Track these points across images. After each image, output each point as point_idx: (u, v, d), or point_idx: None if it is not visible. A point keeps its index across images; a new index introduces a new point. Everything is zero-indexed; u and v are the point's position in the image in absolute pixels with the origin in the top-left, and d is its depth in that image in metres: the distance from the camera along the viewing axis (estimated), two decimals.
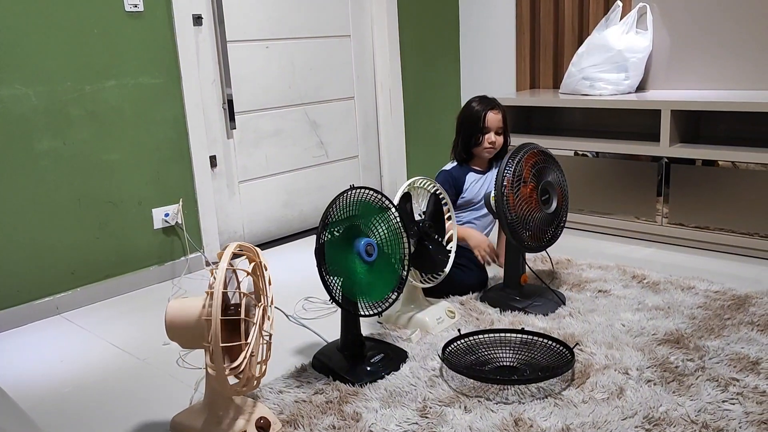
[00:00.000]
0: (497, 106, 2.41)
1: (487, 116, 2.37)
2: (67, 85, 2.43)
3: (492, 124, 2.38)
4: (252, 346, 1.45)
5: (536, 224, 2.15)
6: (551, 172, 2.21)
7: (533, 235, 2.15)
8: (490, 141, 2.39)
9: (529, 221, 2.13)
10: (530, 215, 2.12)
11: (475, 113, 2.39)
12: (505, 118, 2.42)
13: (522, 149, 2.17)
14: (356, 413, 1.65)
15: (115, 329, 2.33)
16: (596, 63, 3.09)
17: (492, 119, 2.38)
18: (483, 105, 2.40)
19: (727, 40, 2.93)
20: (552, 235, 2.22)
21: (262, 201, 3.18)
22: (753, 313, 2.06)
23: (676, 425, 1.52)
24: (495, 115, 2.39)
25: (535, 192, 2.15)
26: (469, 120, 2.41)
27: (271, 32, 3.08)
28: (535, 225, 2.14)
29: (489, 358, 1.86)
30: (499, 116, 2.40)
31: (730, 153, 2.62)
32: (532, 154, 2.17)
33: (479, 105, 2.41)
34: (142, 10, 2.58)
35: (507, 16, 3.66)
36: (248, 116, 3.06)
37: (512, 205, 2.09)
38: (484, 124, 2.38)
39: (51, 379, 2.00)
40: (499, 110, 2.41)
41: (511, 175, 2.09)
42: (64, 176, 2.46)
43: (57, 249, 2.47)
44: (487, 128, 2.38)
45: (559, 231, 2.24)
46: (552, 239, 2.22)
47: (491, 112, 2.38)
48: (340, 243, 1.78)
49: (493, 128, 2.39)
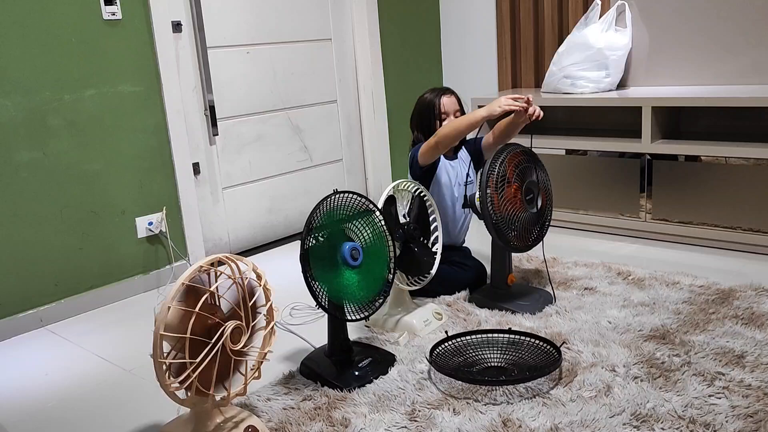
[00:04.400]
0: (448, 90, 2.40)
1: (442, 101, 2.36)
2: (45, 95, 2.40)
3: (449, 108, 2.37)
4: (202, 364, 1.42)
5: (521, 224, 2.15)
6: (535, 172, 2.22)
7: (519, 235, 2.16)
8: None
9: (515, 221, 2.13)
10: (515, 215, 2.13)
11: (429, 102, 2.38)
12: (459, 100, 2.41)
13: (505, 149, 2.17)
14: (345, 419, 1.64)
15: (100, 340, 2.31)
16: (577, 61, 3.11)
17: (447, 103, 2.36)
18: (434, 93, 2.39)
19: (705, 36, 2.95)
20: (537, 234, 2.23)
21: (246, 207, 3.17)
22: (737, 306, 2.08)
23: (663, 421, 1.53)
24: (449, 99, 2.37)
25: (520, 192, 2.15)
26: (425, 111, 2.39)
27: (251, 37, 3.07)
28: (520, 225, 2.15)
29: (477, 359, 1.86)
30: (453, 99, 2.39)
31: (711, 148, 2.64)
32: (515, 155, 2.18)
33: (431, 94, 2.40)
34: (120, 18, 2.56)
35: (487, 16, 3.67)
36: (230, 122, 3.05)
37: (497, 206, 2.10)
38: (440, 110, 2.36)
39: (36, 392, 1.97)
40: (452, 93, 2.40)
41: (495, 176, 2.10)
42: (45, 187, 2.44)
43: (40, 261, 2.45)
44: (445, 113, 2.36)
45: (544, 230, 2.25)
46: (537, 239, 2.23)
47: (444, 96, 2.37)
48: (324, 248, 1.77)
49: (451, 111, 2.37)
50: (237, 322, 1.50)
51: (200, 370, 1.42)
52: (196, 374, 1.42)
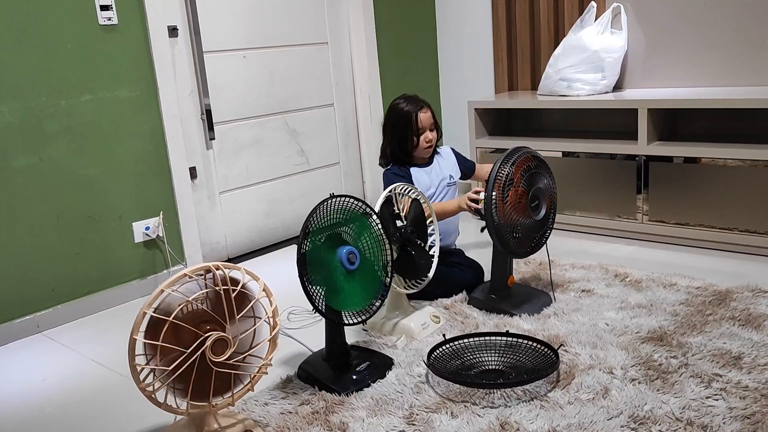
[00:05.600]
0: (425, 104, 2.42)
1: (419, 117, 2.37)
2: (42, 101, 2.40)
3: (425, 124, 2.39)
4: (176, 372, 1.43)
5: (524, 231, 2.13)
6: (542, 179, 2.19)
7: (520, 241, 2.14)
8: (427, 140, 2.40)
9: (517, 227, 2.11)
10: (519, 221, 2.11)
11: (405, 116, 2.38)
12: (433, 113, 2.43)
13: (515, 153, 2.14)
14: (343, 423, 1.64)
15: (98, 346, 2.31)
16: (573, 64, 3.11)
17: (424, 119, 2.38)
18: (411, 106, 2.39)
19: (700, 37, 2.96)
20: (537, 241, 2.21)
21: (243, 211, 3.17)
22: (734, 308, 2.08)
23: (661, 423, 1.53)
24: (425, 114, 2.39)
25: (526, 198, 2.13)
26: (401, 124, 2.40)
27: (247, 41, 3.07)
28: (522, 231, 2.13)
29: (474, 362, 1.86)
30: (429, 113, 2.41)
31: (707, 149, 2.64)
32: (525, 159, 2.14)
33: (407, 104, 2.40)
34: (116, 23, 2.56)
35: (483, 19, 3.67)
36: (227, 126, 3.05)
37: (500, 210, 2.07)
38: (417, 126, 2.38)
39: (33, 399, 1.97)
40: (428, 108, 2.42)
41: (503, 179, 2.07)
42: (42, 192, 2.44)
43: (37, 266, 2.45)
44: (421, 129, 2.38)
45: (544, 238, 2.24)
46: (536, 246, 2.21)
47: (421, 113, 2.38)
48: (321, 252, 1.77)
49: (427, 126, 2.39)
50: (220, 333, 1.48)
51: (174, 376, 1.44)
52: (168, 381, 1.44)
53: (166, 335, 1.43)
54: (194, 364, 1.45)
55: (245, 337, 1.54)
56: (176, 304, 1.45)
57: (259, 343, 1.57)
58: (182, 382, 1.47)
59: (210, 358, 1.47)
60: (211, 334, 1.46)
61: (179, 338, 1.45)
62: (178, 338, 1.45)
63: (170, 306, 1.45)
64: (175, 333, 1.45)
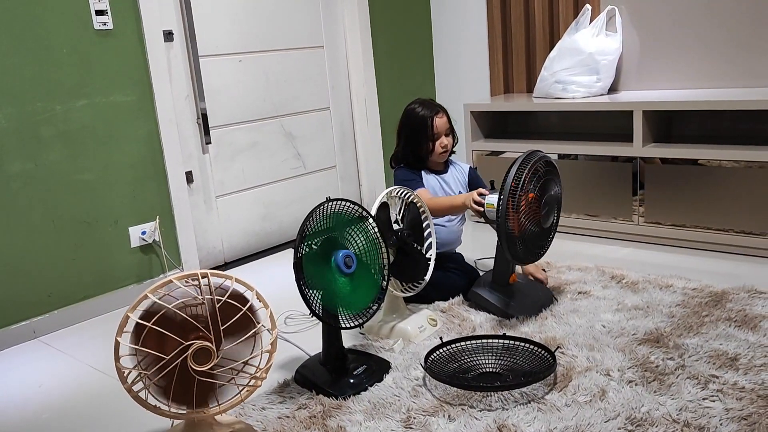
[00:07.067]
0: (440, 109, 2.40)
1: (435, 122, 2.36)
2: (37, 106, 2.40)
3: (441, 129, 2.37)
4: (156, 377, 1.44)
5: (532, 238, 2.11)
6: (554, 186, 2.16)
7: (526, 248, 2.13)
8: (442, 145, 2.38)
9: (526, 233, 2.08)
10: (529, 229, 2.08)
11: (421, 119, 2.37)
12: (449, 117, 2.42)
13: (532, 157, 2.09)
14: (340, 427, 1.64)
15: (94, 351, 2.30)
16: (568, 66, 3.12)
17: (439, 124, 2.37)
18: (427, 111, 2.38)
19: (695, 40, 2.97)
20: (542, 248, 2.20)
21: (240, 215, 3.17)
22: (730, 309, 2.09)
23: (658, 425, 1.53)
24: (441, 119, 2.37)
25: (538, 206, 2.09)
26: (416, 129, 2.38)
27: (243, 45, 3.07)
28: (531, 239, 2.11)
29: (472, 365, 1.86)
30: (444, 118, 2.39)
31: (702, 151, 2.65)
32: (542, 165, 2.10)
33: (423, 109, 2.38)
34: (111, 28, 2.56)
35: (479, 22, 3.68)
36: (223, 130, 3.05)
37: (513, 220, 2.03)
38: (433, 131, 2.37)
39: (29, 405, 1.96)
40: (443, 113, 2.40)
41: (520, 184, 2.02)
42: (38, 198, 2.43)
43: (32, 271, 2.44)
44: (437, 134, 2.37)
45: (548, 245, 2.23)
46: (541, 253, 2.20)
47: (436, 117, 2.36)
48: (318, 256, 1.77)
49: (442, 131, 2.38)
50: (203, 342, 1.46)
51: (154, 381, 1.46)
52: (149, 384, 1.46)
53: (153, 340, 1.43)
54: (175, 371, 1.45)
55: (241, 348, 1.53)
56: (165, 308, 1.44)
57: (254, 356, 1.56)
58: (165, 386, 1.47)
59: (191, 367, 1.46)
60: (194, 343, 1.45)
61: (167, 344, 1.45)
62: (166, 344, 1.45)
63: (159, 310, 1.45)
64: (162, 338, 1.44)
